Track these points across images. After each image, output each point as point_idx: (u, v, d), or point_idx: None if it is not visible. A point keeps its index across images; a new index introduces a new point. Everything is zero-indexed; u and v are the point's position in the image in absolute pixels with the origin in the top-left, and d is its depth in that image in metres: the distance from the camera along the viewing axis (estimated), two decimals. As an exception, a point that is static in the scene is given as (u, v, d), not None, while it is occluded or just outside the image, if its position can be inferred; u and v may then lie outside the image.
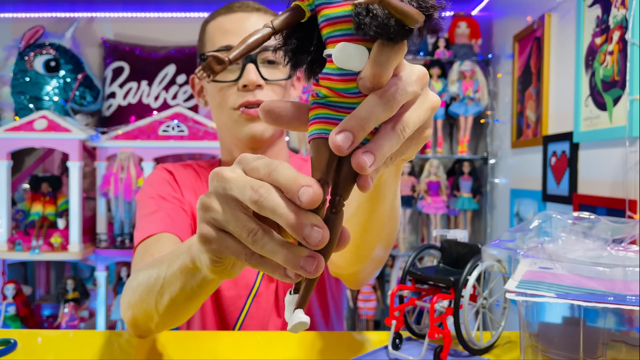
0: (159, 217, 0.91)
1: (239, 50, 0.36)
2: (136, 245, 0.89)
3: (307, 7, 0.36)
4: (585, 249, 0.63)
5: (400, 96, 0.36)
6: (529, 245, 0.64)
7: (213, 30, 0.95)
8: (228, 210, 0.40)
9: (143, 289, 0.66)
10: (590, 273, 0.55)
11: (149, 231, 0.89)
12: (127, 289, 0.73)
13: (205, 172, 1.04)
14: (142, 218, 0.94)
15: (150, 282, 0.64)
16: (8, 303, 2.57)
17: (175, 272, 0.56)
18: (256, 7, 0.96)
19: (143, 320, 0.70)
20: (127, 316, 0.73)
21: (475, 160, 2.85)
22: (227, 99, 0.93)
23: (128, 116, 2.86)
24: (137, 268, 0.80)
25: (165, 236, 0.88)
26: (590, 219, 0.66)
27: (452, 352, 0.72)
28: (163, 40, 2.99)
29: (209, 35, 0.96)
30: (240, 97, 0.91)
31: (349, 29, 0.34)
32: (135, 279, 0.70)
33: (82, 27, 3.01)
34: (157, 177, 1.01)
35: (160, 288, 0.61)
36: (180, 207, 0.96)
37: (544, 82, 2.11)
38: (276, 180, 0.38)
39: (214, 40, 0.94)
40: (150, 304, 0.64)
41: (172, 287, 0.58)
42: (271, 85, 0.93)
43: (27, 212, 2.69)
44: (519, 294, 0.55)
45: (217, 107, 0.96)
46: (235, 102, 0.92)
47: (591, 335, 0.58)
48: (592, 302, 0.51)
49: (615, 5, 1.59)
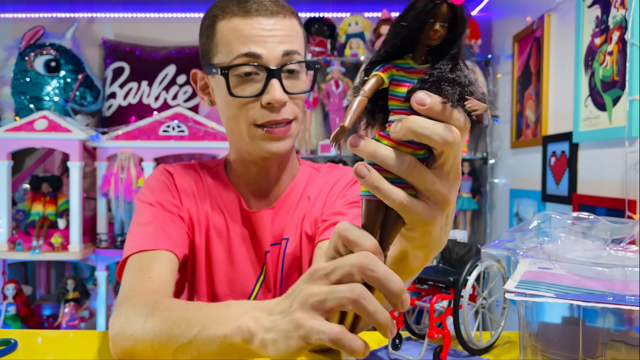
0: (153, 230, 0.88)
1: (353, 118, 0.42)
2: (128, 255, 0.86)
3: (387, 79, 0.44)
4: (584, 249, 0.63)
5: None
6: (528, 245, 0.65)
7: (228, 34, 0.86)
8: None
9: (162, 336, 0.64)
10: (590, 273, 0.56)
11: (144, 244, 0.86)
12: (131, 318, 0.70)
13: (209, 172, 1.01)
14: (136, 225, 0.91)
15: (174, 333, 0.62)
16: (8, 303, 2.57)
17: (211, 338, 0.58)
18: (275, 10, 0.86)
19: (145, 356, 0.68)
20: (124, 345, 0.69)
21: (475, 160, 2.86)
22: (247, 114, 0.87)
23: (128, 116, 2.86)
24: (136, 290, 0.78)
25: (163, 255, 0.85)
26: (590, 219, 0.66)
27: (452, 352, 0.72)
28: (163, 41, 3.00)
29: (223, 38, 0.87)
30: (264, 116, 0.85)
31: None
32: (147, 316, 0.68)
33: (83, 28, 3.01)
34: (156, 180, 0.98)
35: (186, 344, 0.61)
36: (177, 215, 0.93)
37: (544, 83, 2.11)
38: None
39: (231, 46, 0.85)
40: (166, 353, 0.64)
41: (202, 349, 0.59)
42: (294, 98, 0.88)
43: (27, 212, 2.69)
44: (519, 294, 0.55)
45: (233, 117, 0.89)
46: (258, 120, 0.86)
47: (590, 335, 0.58)
48: (591, 302, 0.52)
49: (614, 5, 1.60)
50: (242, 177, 0.98)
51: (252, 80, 0.86)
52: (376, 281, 0.44)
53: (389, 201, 0.44)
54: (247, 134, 0.88)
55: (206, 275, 0.96)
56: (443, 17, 0.40)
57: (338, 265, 0.46)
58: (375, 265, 0.44)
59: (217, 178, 1.00)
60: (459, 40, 0.42)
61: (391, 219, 0.46)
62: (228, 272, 0.95)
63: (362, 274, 0.44)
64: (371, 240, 0.45)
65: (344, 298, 0.45)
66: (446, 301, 0.69)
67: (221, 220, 0.96)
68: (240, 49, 0.84)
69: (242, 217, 0.97)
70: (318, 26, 2.82)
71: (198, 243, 0.96)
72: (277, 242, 0.95)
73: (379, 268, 0.44)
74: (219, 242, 0.96)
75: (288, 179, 0.99)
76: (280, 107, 0.86)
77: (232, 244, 0.96)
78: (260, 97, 0.85)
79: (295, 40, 0.88)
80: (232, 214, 0.97)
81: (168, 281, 0.82)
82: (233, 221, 0.96)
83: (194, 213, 0.96)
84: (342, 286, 0.45)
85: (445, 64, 0.42)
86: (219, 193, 0.98)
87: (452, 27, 0.41)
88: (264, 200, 0.98)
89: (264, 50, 0.84)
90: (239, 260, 0.96)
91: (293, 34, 0.88)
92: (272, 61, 0.85)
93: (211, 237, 0.96)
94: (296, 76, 0.88)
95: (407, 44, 0.42)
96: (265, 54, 0.84)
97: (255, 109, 0.86)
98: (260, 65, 0.85)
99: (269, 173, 0.96)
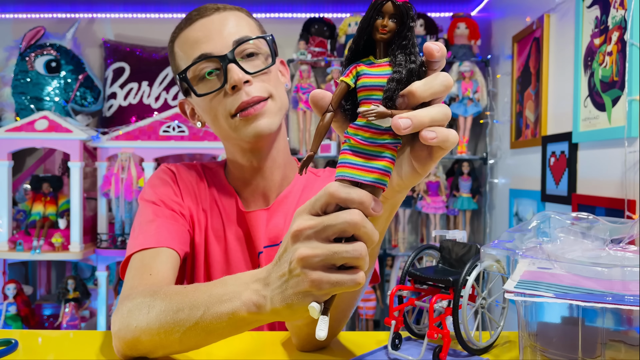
0: (155, 228, 0.89)
1: (316, 141, 0.47)
2: (131, 253, 0.87)
3: (352, 80, 0.48)
4: (583, 249, 0.63)
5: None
6: (527, 245, 0.65)
7: (181, 46, 0.91)
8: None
9: (167, 322, 0.65)
10: (589, 273, 0.56)
11: (145, 242, 0.86)
12: (134, 310, 0.71)
13: (209, 172, 1.02)
14: (139, 224, 0.92)
15: (179, 318, 0.64)
16: (9, 303, 2.57)
17: (219, 317, 0.61)
18: (215, 8, 0.91)
19: (151, 347, 0.69)
20: (128, 337, 0.70)
21: (475, 160, 2.86)
22: (220, 108, 0.89)
23: (129, 116, 2.86)
24: (137, 287, 0.79)
25: (164, 252, 0.85)
26: (589, 219, 0.66)
27: (452, 352, 0.73)
28: (164, 41, 2.97)
29: (179, 53, 0.91)
30: (234, 101, 0.87)
31: (379, 96, 0.47)
32: (149, 306, 0.69)
33: (83, 28, 3.01)
34: (159, 178, 0.99)
35: (193, 326, 0.63)
36: (179, 213, 0.94)
37: (543, 83, 2.11)
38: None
39: (187, 54, 0.89)
40: (174, 338, 0.65)
41: (210, 327, 0.62)
42: (258, 77, 0.89)
43: (28, 212, 2.69)
44: (518, 294, 0.55)
45: (213, 120, 0.91)
46: (231, 108, 0.87)
47: (590, 335, 0.58)
48: (590, 302, 0.52)
49: (614, 5, 1.60)
50: (238, 178, 0.99)
51: (214, 78, 0.89)
52: (365, 235, 0.49)
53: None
54: (229, 127, 0.90)
55: (204, 274, 0.97)
56: (389, 13, 0.46)
57: (330, 223, 0.49)
58: (365, 221, 0.49)
59: (217, 178, 1.01)
60: (406, 32, 0.47)
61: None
62: (225, 272, 0.96)
63: (356, 230, 0.49)
64: (364, 193, 0.49)
65: (350, 257, 0.49)
66: (446, 301, 0.69)
67: (218, 220, 0.98)
68: (194, 53, 0.89)
69: (237, 217, 0.98)
70: (318, 26, 2.82)
71: (197, 242, 0.97)
72: (274, 244, 0.95)
73: (367, 223, 0.49)
74: (216, 241, 0.97)
75: (285, 180, 0.99)
76: (246, 87, 0.87)
77: (228, 243, 0.97)
78: (225, 86, 0.87)
79: (242, 28, 0.90)
80: (228, 214, 0.98)
81: (169, 277, 0.83)
82: (229, 221, 0.97)
83: (194, 212, 0.97)
84: (347, 246, 0.49)
85: (400, 55, 0.47)
86: (218, 193, 0.99)
87: (401, 22, 0.46)
88: (260, 201, 0.99)
89: (213, 46, 0.87)
90: (234, 260, 0.96)
91: (239, 23, 0.91)
92: (224, 51, 0.87)
93: (209, 236, 0.97)
94: (255, 58, 0.90)
95: (365, 41, 0.48)
96: (217, 49, 0.87)
97: (225, 99, 0.88)
98: (213, 57, 0.87)
99: (263, 172, 0.97)
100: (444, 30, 2.88)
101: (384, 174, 0.48)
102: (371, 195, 0.49)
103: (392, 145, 0.48)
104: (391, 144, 0.48)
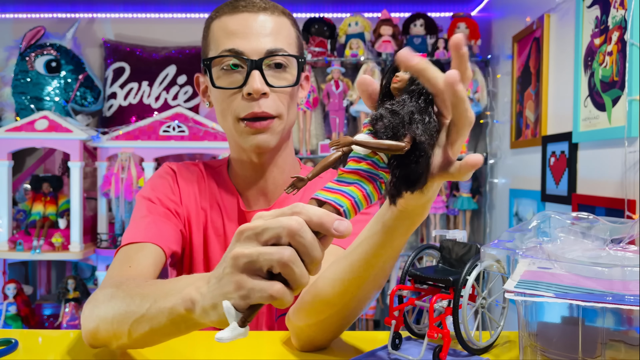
0: (146, 225, 0.90)
1: (317, 172, 0.50)
2: (120, 247, 0.89)
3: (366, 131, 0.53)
4: (584, 249, 0.63)
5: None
6: (527, 245, 0.65)
7: (217, 31, 0.90)
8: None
9: (120, 312, 0.65)
10: (589, 273, 0.56)
11: (133, 237, 0.88)
12: (99, 299, 0.71)
13: (212, 171, 1.02)
14: (132, 220, 0.94)
15: (130, 309, 0.64)
16: (9, 303, 2.57)
17: (161, 311, 0.59)
18: (262, 7, 0.90)
19: (107, 337, 0.69)
20: (90, 327, 0.70)
21: (475, 160, 2.85)
22: (231, 107, 0.89)
23: (129, 116, 2.86)
24: (113, 278, 0.80)
25: (148, 247, 0.86)
26: (589, 219, 0.66)
27: (452, 351, 0.73)
28: (164, 41, 3.00)
29: (213, 36, 0.91)
30: (245, 108, 0.87)
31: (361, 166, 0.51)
32: (112, 296, 0.69)
33: (83, 28, 3.01)
34: (159, 177, 1.00)
35: (139, 317, 0.62)
36: (174, 212, 0.95)
37: (543, 83, 2.11)
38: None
39: (218, 42, 0.89)
40: (123, 329, 0.65)
41: (154, 322, 0.60)
42: (277, 92, 0.89)
43: (28, 212, 2.69)
44: (518, 293, 0.55)
45: (221, 113, 0.92)
46: (240, 113, 0.88)
47: (590, 334, 0.58)
48: (590, 301, 0.52)
49: (614, 5, 1.60)
50: (240, 177, 0.99)
51: (236, 73, 0.88)
52: (302, 247, 0.47)
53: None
54: (234, 128, 0.91)
55: (204, 272, 0.96)
56: (398, 70, 0.53)
57: (269, 226, 0.48)
58: (305, 232, 0.46)
59: (219, 178, 1.01)
60: (415, 81, 0.51)
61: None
62: None
63: (291, 238, 0.46)
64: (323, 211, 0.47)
65: (274, 260, 0.46)
66: (446, 301, 0.69)
67: (219, 219, 0.98)
68: (225, 44, 0.88)
69: (238, 216, 0.98)
70: (318, 26, 2.82)
71: (196, 241, 0.97)
72: None
73: (307, 234, 0.46)
74: (216, 241, 0.98)
75: (287, 182, 0.99)
76: (261, 99, 0.87)
77: (228, 241, 0.97)
78: (242, 88, 0.87)
79: (281, 37, 0.89)
80: (229, 214, 0.98)
81: (148, 272, 0.84)
82: (230, 220, 0.98)
83: (193, 211, 0.98)
84: (273, 248, 0.47)
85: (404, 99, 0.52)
86: (219, 192, 0.99)
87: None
88: (261, 200, 0.99)
89: (247, 45, 0.87)
90: None
91: (280, 32, 0.90)
92: (254, 56, 0.87)
93: (209, 235, 0.97)
94: (282, 70, 0.89)
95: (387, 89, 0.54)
96: (248, 49, 0.87)
97: (237, 100, 0.88)
98: (242, 57, 0.87)
99: (265, 172, 0.97)
100: (444, 30, 2.88)
101: (345, 196, 0.49)
102: (333, 215, 0.47)
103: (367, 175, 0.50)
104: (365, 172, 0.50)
